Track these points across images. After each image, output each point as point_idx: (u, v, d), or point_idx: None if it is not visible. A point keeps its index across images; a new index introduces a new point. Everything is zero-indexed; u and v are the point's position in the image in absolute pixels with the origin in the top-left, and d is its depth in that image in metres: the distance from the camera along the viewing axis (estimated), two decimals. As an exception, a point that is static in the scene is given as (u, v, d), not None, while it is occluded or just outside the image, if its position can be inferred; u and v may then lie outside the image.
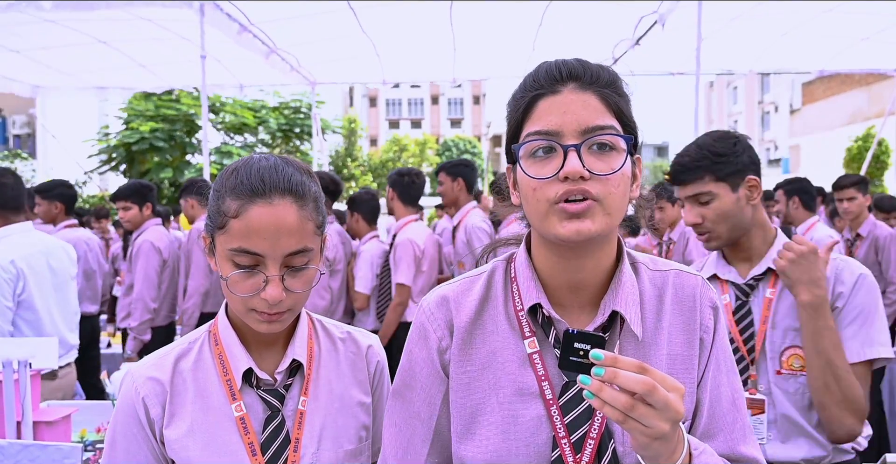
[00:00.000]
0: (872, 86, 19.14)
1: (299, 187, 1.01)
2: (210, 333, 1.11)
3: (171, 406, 1.05)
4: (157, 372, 1.07)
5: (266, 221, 0.98)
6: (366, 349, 1.17)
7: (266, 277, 0.99)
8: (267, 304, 0.99)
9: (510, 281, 0.98)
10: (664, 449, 0.78)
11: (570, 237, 0.85)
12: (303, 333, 1.11)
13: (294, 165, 1.05)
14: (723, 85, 47.28)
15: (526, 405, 0.91)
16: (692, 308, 0.95)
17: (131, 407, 1.05)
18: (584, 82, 0.88)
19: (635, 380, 0.73)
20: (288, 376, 1.09)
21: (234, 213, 0.99)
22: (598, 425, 0.89)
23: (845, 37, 6.83)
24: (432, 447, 0.97)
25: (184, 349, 1.10)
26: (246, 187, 1.00)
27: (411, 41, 6.96)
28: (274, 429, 1.04)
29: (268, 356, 1.09)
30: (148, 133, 15.16)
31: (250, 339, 1.08)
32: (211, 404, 1.05)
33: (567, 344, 0.77)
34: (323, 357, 1.13)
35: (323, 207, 1.07)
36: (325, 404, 1.10)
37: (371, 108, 53.99)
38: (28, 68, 7.62)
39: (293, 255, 1.00)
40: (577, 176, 0.84)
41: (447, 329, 0.96)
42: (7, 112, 24.63)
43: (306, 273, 1.02)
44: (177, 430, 1.04)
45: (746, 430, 0.95)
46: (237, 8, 5.68)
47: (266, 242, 0.98)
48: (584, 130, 0.86)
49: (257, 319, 1.02)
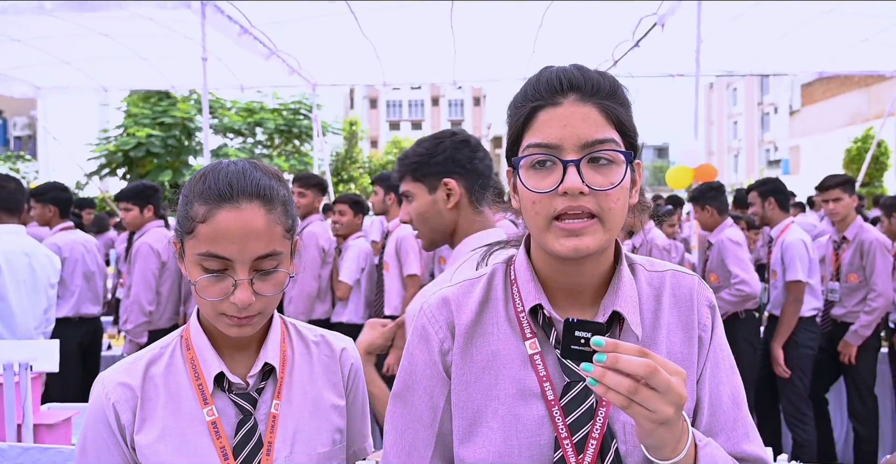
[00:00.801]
0: (872, 87, 19.16)
1: (267, 191, 1.02)
2: (182, 338, 1.11)
3: (141, 412, 1.05)
4: (127, 377, 1.07)
5: (234, 225, 0.98)
6: (339, 352, 1.17)
7: (235, 282, 0.99)
8: (236, 308, 1.00)
9: (510, 283, 0.98)
10: (669, 437, 0.78)
11: (568, 255, 0.86)
12: (275, 336, 1.11)
13: (263, 169, 1.06)
14: (722, 86, 47.30)
15: (528, 406, 0.91)
16: (689, 307, 0.96)
17: (101, 413, 1.05)
18: (585, 94, 0.88)
19: (637, 363, 0.74)
20: (261, 379, 1.08)
21: (201, 217, 1.00)
22: (601, 426, 0.89)
23: (845, 38, 6.83)
24: (436, 450, 0.97)
25: (155, 355, 1.10)
26: (213, 192, 1.00)
27: (412, 43, 6.97)
28: (246, 433, 1.04)
29: (240, 360, 1.09)
30: (145, 139, 15.20)
31: (222, 343, 1.08)
32: (182, 408, 1.05)
33: (567, 333, 0.77)
34: (296, 360, 1.13)
35: (293, 210, 1.08)
36: (298, 407, 1.10)
37: (372, 110, 54.01)
38: (29, 66, 7.63)
39: (262, 258, 1.00)
40: (577, 192, 0.84)
41: (448, 331, 0.97)
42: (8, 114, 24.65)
43: (276, 277, 1.02)
44: (148, 435, 1.04)
45: (749, 428, 0.95)
46: (238, 10, 5.68)
47: (234, 246, 0.98)
48: (583, 145, 0.86)
49: (227, 324, 1.03)
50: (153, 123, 15.50)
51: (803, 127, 24.90)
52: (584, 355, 0.76)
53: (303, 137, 17.88)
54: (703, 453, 0.83)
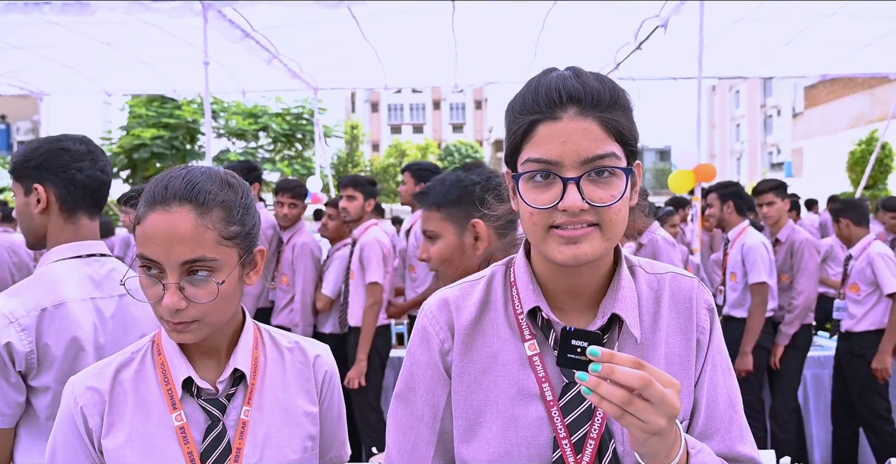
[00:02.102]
0: (875, 89, 19.13)
1: (202, 196, 1.00)
2: (153, 342, 1.11)
3: (109, 416, 1.04)
4: (96, 382, 1.06)
5: (160, 227, 0.98)
6: (313, 359, 1.16)
7: (163, 286, 0.98)
8: (169, 312, 0.99)
9: (510, 285, 0.99)
10: (661, 446, 0.79)
11: (567, 262, 0.87)
12: (247, 342, 1.11)
13: (212, 175, 1.03)
14: (725, 89, 47.31)
15: (527, 407, 0.92)
16: (688, 309, 0.97)
17: (70, 417, 1.05)
18: (585, 107, 0.86)
19: (632, 375, 0.74)
20: (231, 385, 1.08)
21: (138, 219, 1.01)
22: (599, 426, 0.90)
23: (849, 42, 6.82)
24: (437, 450, 0.98)
25: (126, 359, 1.09)
26: (149, 195, 1.01)
27: (413, 46, 6.98)
28: (214, 439, 1.04)
29: (209, 366, 1.08)
30: (149, 140, 15.23)
31: (192, 348, 1.08)
32: (151, 413, 1.05)
33: (565, 342, 0.78)
34: (269, 367, 1.12)
35: (248, 219, 1.05)
36: (268, 413, 1.09)
37: (373, 114, 54.13)
38: (32, 70, 7.65)
39: (190, 263, 0.98)
40: (577, 209, 0.85)
41: (449, 331, 0.97)
42: (11, 119, 24.75)
43: (208, 284, 0.99)
44: (115, 440, 1.03)
45: (743, 430, 0.97)
46: (240, 14, 5.70)
47: (159, 249, 0.97)
48: (583, 161, 0.85)
49: (168, 329, 1.02)
50: (158, 125, 15.55)
51: (806, 129, 24.86)
52: (581, 364, 0.77)
53: (305, 141, 17.92)
54: (694, 461, 0.85)
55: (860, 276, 3.81)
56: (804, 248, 3.89)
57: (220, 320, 1.04)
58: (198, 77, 5.94)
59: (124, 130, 16.22)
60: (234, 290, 1.04)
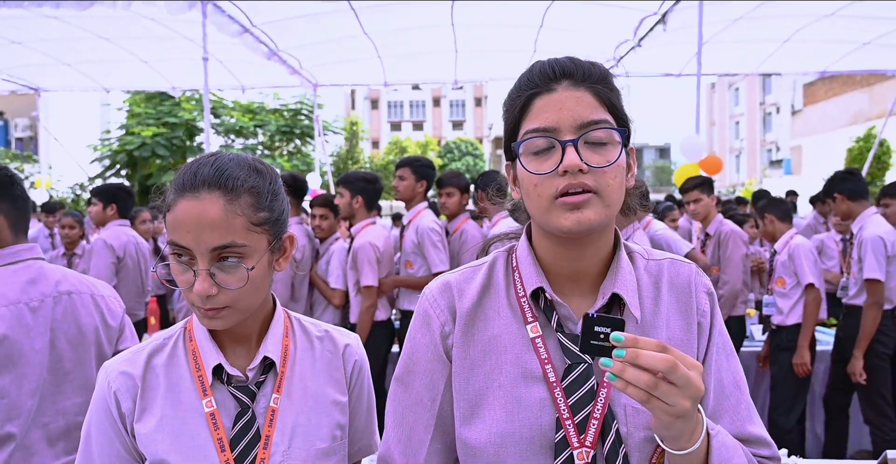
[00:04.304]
0: (874, 86, 19.14)
1: (230, 182, 1.00)
2: (185, 329, 1.12)
3: (141, 401, 1.06)
4: (129, 367, 1.08)
5: (191, 213, 0.98)
6: (343, 348, 1.17)
7: (194, 272, 0.99)
8: (200, 298, 0.99)
9: (512, 269, 1.01)
10: (685, 428, 0.80)
11: (572, 228, 0.89)
12: (277, 330, 1.11)
13: (241, 162, 1.04)
14: (724, 86, 47.28)
15: (529, 388, 0.93)
16: (688, 294, 0.98)
17: (104, 401, 1.07)
18: (577, 79, 0.91)
19: (658, 358, 0.75)
20: (261, 373, 1.09)
21: (167, 207, 1.02)
22: (602, 406, 0.91)
23: (847, 41, 6.83)
24: (435, 433, 0.99)
25: (158, 345, 1.11)
26: (179, 182, 1.01)
27: (413, 43, 6.97)
28: (244, 425, 1.04)
29: (240, 353, 1.09)
30: (149, 139, 15.20)
31: (223, 335, 1.09)
32: (182, 399, 1.06)
33: (587, 328, 0.78)
34: (298, 355, 1.13)
35: (276, 205, 1.05)
36: (298, 402, 1.09)
37: (373, 111, 54.06)
38: (30, 66, 7.63)
39: (220, 249, 0.99)
40: (576, 169, 0.87)
41: (450, 314, 0.99)
42: (9, 115, 24.71)
43: (238, 270, 1.00)
44: (147, 424, 1.05)
45: (751, 410, 0.98)
46: (239, 8, 5.69)
47: (189, 236, 0.98)
48: (579, 125, 0.89)
49: (199, 314, 1.03)
50: (158, 123, 15.51)
51: (805, 127, 24.87)
52: (604, 350, 0.77)
53: (304, 137, 17.90)
54: (715, 441, 0.85)
55: (783, 269, 3.82)
56: (729, 238, 3.99)
57: (251, 306, 1.05)
58: (197, 73, 5.93)
59: (123, 128, 16.18)
60: (264, 276, 1.05)
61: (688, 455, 0.82)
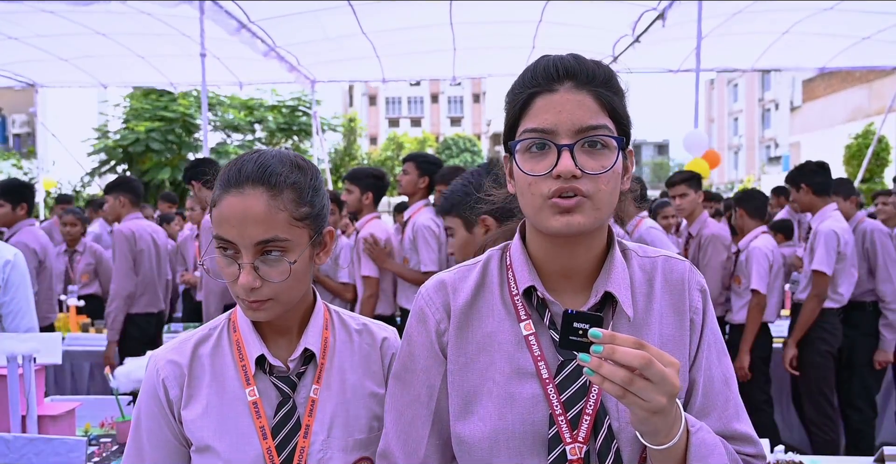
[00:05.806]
0: (873, 83, 19.14)
1: (273, 178, 1.04)
2: (230, 320, 1.16)
3: (188, 389, 1.10)
4: (176, 356, 1.12)
5: (236, 209, 1.02)
6: (381, 341, 1.20)
7: (239, 265, 1.03)
8: (244, 291, 1.03)
9: (506, 268, 1.02)
10: (662, 424, 0.81)
11: (561, 230, 0.90)
12: (317, 323, 1.15)
13: (283, 158, 1.08)
14: (723, 82, 47.26)
15: (523, 385, 0.94)
16: (681, 291, 0.99)
17: (153, 388, 1.11)
18: (580, 81, 0.91)
19: (633, 355, 0.76)
20: (301, 364, 1.12)
21: (213, 202, 1.06)
22: (594, 402, 0.92)
23: (846, 36, 6.83)
24: (433, 429, 1.01)
25: (203, 335, 1.15)
26: (224, 178, 1.06)
27: (411, 39, 6.97)
28: (285, 414, 1.08)
29: (282, 344, 1.13)
30: (144, 134, 15.17)
31: (265, 327, 1.13)
32: (226, 387, 1.10)
33: (566, 324, 0.80)
34: (337, 348, 1.16)
35: (317, 200, 1.09)
36: (337, 393, 1.13)
37: (371, 107, 53.99)
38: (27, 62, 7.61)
39: (264, 244, 1.02)
40: (570, 174, 0.88)
41: (445, 312, 1.00)
42: (7, 111, 24.63)
43: (281, 264, 1.04)
44: (193, 411, 1.09)
45: (739, 408, 0.99)
46: (236, 5, 5.68)
47: (234, 230, 1.02)
48: (577, 130, 0.89)
49: (243, 307, 1.07)
50: (154, 118, 15.48)
51: (804, 123, 24.88)
52: (582, 346, 0.79)
53: (301, 134, 17.88)
54: (695, 438, 0.86)
55: (740, 268, 3.83)
56: (709, 242, 3.91)
57: (293, 299, 1.09)
58: (194, 69, 5.93)
59: (125, 124, 16.16)
60: (306, 269, 1.08)
61: (666, 450, 0.83)
